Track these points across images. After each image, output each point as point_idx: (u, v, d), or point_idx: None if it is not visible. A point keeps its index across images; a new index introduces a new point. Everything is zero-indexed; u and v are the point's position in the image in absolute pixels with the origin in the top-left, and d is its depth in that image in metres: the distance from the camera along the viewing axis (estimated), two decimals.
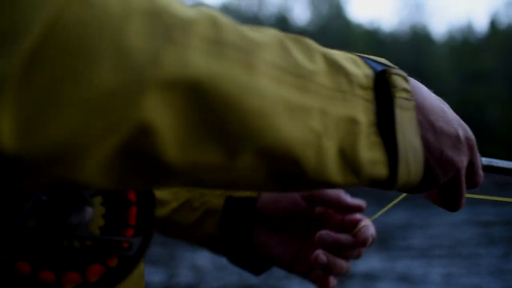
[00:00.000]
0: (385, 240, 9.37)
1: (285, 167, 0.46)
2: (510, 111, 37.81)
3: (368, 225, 0.75)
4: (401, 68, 0.58)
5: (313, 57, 0.48)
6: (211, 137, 0.42)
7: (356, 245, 0.74)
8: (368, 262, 7.39)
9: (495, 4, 69.94)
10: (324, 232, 0.74)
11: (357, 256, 0.76)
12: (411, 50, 37.16)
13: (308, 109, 0.46)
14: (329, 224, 0.79)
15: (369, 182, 0.53)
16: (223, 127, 0.42)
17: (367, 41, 38.04)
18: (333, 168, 0.49)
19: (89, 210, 0.52)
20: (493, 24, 43.26)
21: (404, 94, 0.53)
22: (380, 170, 0.52)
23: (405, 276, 6.79)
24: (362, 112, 0.50)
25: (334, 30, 34.93)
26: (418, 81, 0.60)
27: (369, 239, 0.74)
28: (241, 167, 0.44)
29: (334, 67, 0.49)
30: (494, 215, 13.41)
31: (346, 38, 35.20)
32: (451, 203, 0.64)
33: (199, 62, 0.39)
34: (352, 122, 0.49)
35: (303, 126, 0.46)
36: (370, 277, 6.75)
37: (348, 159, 0.49)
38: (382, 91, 0.52)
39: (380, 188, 0.55)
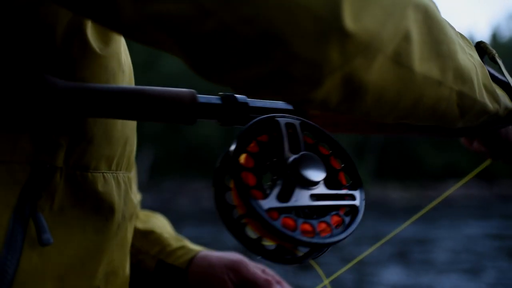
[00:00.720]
0: (405, 254, 9.38)
1: (464, 88, 0.63)
2: None
3: None
4: None
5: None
6: (434, 55, 0.57)
7: None
8: (393, 276, 7.43)
9: (496, 17, 70.15)
10: None
11: None
12: None
13: (464, 48, 0.65)
14: None
15: (505, 110, 0.72)
16: (439, 47, 0.58)
17: None
18: (485, 95, 0.67)
19: (323, 171, 0.62)
20: (495, 37, 43.34)
21: (497, 55, 0.77)
22: (509, 101, 0.73)
23: None
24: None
25: None
26: None
27: None
28: (446, 84, 0.60)
29: (458, 32, 0.67)
30: (504, 228, 13.42)
31: None
32: None
33: None
34: (483, 66, 0.68)
35: (467, 58, 0.64)
36: None
37: (490, 90, 0.68)
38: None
39: (508, 118, 0.74)
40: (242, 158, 0.60)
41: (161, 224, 0.98)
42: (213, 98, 0.66)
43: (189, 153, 27.86)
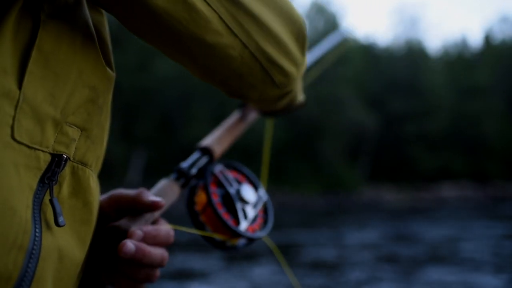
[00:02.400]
0: (443, 253, 9.53)
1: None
2: (505, 125, 37.92)
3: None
4: (397, 82, 0.72)
5: None
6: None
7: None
8: (440, 274, 7.67)
9: (489, 19, 70.46)
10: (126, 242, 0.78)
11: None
12: (406, 65, 37.27)
13: None
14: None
15: (302, 102, 1.11)
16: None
17: (362, 56, 38.21)
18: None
19: (254, 190, 1.08)
20: (488, 39, 43.56)
21: None
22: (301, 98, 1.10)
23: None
24: None
25: None
26: (413, 95, 0.85)
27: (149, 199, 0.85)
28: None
29: None
30: (504, 228, 13.60)
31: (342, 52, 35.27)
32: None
33: None
34: None
35: None
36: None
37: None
38: None
39: (296, 106, 1.10)
40: (217, 205, 0.99)
41: None
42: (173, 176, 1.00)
43: (182, 154, 27.76)
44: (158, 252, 0.81)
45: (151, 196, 0.85)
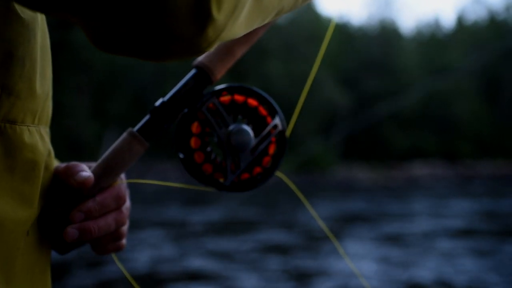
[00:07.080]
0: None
1: None
2: (476, 105, 38.47)
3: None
4: (370, 62, 0.63)
5: None
6: None
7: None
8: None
9: (462, 0, 70.99)
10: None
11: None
12: (379, 44, 37.31)
13: None
14: None
15: None
16: None
17: (336, 34, 38.16)
18: None
19: (250, 131, 0.84)
20: (460, 20, 43.91)
21: None
22: None
23: None
24: None
25: (304, 23, 34.91)
26: (386, 75, 0.71)
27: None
28: None
29: None
30: (474, 205, 13.91)
31: (315, 31, 35.27)
32: None
33: None
34: None
35: None
36: None
37: None
38: None
39: None
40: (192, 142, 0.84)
41: None
42: (144, 119, 0.86)
43: None
44: (107, 221, 0.81)
45: (76, 174, 0.77)
